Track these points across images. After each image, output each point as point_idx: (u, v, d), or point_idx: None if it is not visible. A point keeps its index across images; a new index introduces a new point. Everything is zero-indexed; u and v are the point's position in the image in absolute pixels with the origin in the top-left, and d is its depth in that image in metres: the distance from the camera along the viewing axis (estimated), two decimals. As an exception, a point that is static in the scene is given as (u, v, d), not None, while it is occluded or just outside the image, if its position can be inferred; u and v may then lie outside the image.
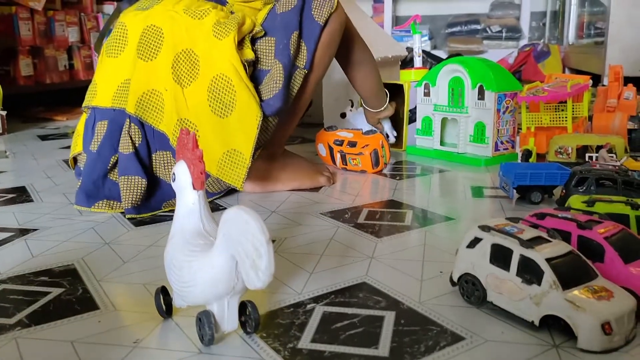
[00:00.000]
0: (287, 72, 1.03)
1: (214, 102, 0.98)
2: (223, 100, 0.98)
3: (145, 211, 1.00)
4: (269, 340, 0.56)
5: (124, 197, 0.97)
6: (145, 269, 0.76)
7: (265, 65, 1.05)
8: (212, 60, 0.99)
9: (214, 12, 1.02)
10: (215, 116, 0.98)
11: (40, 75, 2.42)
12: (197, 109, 0.98)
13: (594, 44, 3.25)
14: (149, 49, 1.00)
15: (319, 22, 1.08)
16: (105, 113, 1.01)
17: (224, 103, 0.98)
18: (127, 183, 0.97)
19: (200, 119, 0.99)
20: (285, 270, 0.74)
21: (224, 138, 0.99)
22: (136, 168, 0.98)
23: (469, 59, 1.39)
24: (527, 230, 0.60)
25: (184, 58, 0.99)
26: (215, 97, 0.98)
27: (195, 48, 0.99)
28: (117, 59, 1.03)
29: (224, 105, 0.98)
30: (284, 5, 1.08)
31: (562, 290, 0.54)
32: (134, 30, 1.02)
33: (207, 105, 0.98)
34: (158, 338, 0.58)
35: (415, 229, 0.89)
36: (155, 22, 1.01)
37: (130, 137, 0.99)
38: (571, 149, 1.16)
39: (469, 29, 3.88)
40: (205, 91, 0.98)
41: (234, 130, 0.99)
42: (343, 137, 1.30)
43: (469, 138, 1.35)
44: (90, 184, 1.01)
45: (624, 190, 0.84)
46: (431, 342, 0.55)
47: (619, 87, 1.54)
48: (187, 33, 1.00)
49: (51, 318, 0.62)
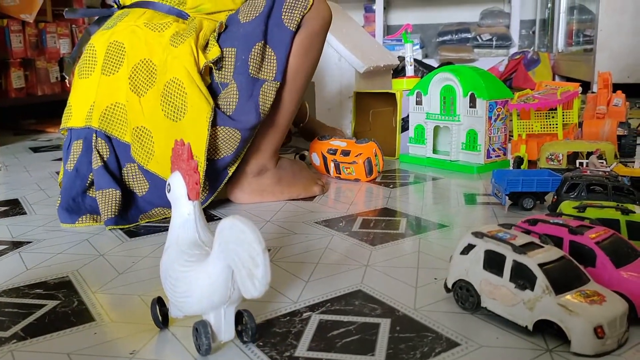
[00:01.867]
0: (247, 90, 1.01)
1: (167, 106, 0.98)
2: (175, 104, 0.98)
3: (123, 222, 1.00)
4: (266, 349, 0.56)
5: (101, 211, 0.98)
6: (141, 280, 0.76)
7: (223, 78, 1.03)
8: (168, 67, 0.98)
9: (174, 25, 1.02)
10: (168, 120, 0.98)
11: (32, 87, 2.41)
12: (152, 115, 0.99)
13: (583, 52, 3.28)
14: (112, 64, 1.02)
15: (289, 27, 1.02)
16: (80, 133, 1.03)
17: (175, 106, 0.98)
18: (102, 197, 0.98)
19: (155, 125, 0.99)
20: (281, 279, 0.74)
21: None
22: (108, 181, 0.99)
23: (460, 67, 1.40)
24: (519, 236, 0.61)
25: (142, 68, 1.00)
26: (167, 102, 0.98)
27: (153, 58, 1.00)
28: (88, 79, 1.04)
29: (176, 109, 0.98)
30: (248, 13, 1.02)
31: (555, 295, 0.54)
32: (100, 49, 1.04)
33: (161, 110, 0.98)
34: (155, 349, 0.58)
35: (409, 237, 0.89)
36: (117, 37, 1.03)
37: (98, 152, 1.01)
38: (562, 156, 1.17)
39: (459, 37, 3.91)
40: (159, 97, 0.98)
41: (188, 133, 0.98)
42: (336, 146, 1.31)
43: (461, 146, 1.36)
44: (70, 201, 1.02)
45: (614, 195, 0.85)
46: (427, 349, 0.55)
47: (608, 94, 1.56)
48: (146, 45, 1.00)
49: (47, 330, 0.62)
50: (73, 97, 1.06)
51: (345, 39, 1.72)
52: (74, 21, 2.66)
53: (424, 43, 4.04)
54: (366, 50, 1.78)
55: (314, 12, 1.03)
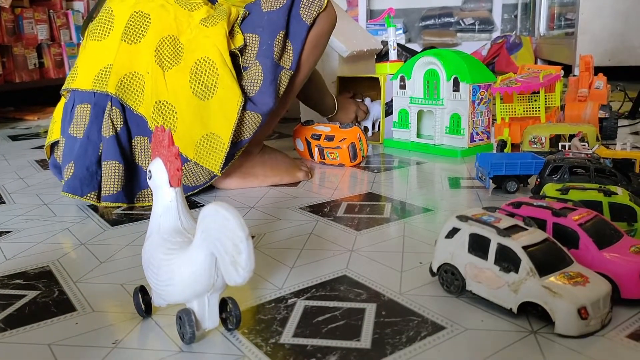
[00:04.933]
0: (271, 73, 1.03)
1: (196, 83, 0.98)
2: (205, 83, 0.98)
3: (122, 200, 0.99)
4: (251, 336, 0.56)
5: (103, 185, 0.97)
6: (123, 268, 0.75)
7: (245, 62, 1.05)
8: (198, 46, 0.99)
9: (204, 8, 1.04)
10: (196, 98, 0.98)
11: (9, 74, 2.36)
12: (177, 91, 0.98)
13: (564, 35, 3.30)
14: (134, 33, 1.01)
15: (307, 22, 1.07)
16: (85, 96, 1.01)
17: (206, 85, 0.98)
18: (107, 168, 0.97)
19: (180, 101, 0.98)
20: (265, 265, 0.74)
21: (204, 121, 0.99)
22: (115, 152, 0.98)
23: (444, 51, 1.39)
24: (503, 219, 0.61)
25: (169, 43, 1.00)
26: (197, 79, 0.98)
27: (181, 36, 1.01)
28: (100, 42, 1.03)
29: (206, 88, 0.98)
30: (271, 3, 1.06)
31: (539, 277, 0.55)
32: (120, 15, 1.03)
33: (189, 87, 0.98)
34: (138, 338, 0.57)
35: (394, 221, 0.89)
36: (143, 8, 1.02)
37: (111, 120, 0.99)
38: (545, 139, 1.17)
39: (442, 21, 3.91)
40: (187, 73, 0.99)
41: (214, 113, 0.99)
42: (320, 131, 1.30)
43: (445, 130, 1.36)
44: (84, 170, 0.98)
45: (596, 177, 0.85)
46: (412, 333, 0.55)
47: (589, 77, 1.57)
48: (175, 21, 1.01)
49: (27, 321, 0.61)
50: (81, 59, 1.05)
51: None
52: (51, 6, 2.60)
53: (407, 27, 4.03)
54: (349, 35, 1.76)
55: (326, 12, 1.09)
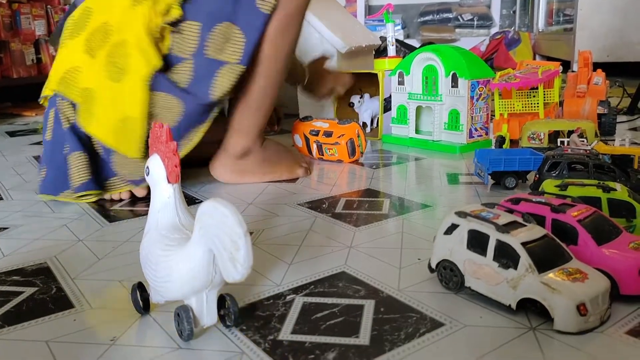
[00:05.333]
0: (201, 70, 0.98)
1: (111, 66, 0.97)
2: (117, 64, 0.96)
3: (94, 187, 1.00)
4: (249, 332, 0.56)
5: (73, 177, 0.98)
6: (121, 265, 0.75)
7: (181, 52, 0.99)
8: (120, 28, 0.98)
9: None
10: (110, 81, 0.97)
11: (7, 70, 2.35)
12: (99, 75, 0.98)
13: (563, 31, 3.29)
14: (78, 28, 1.01)
15: (263, 11, 0.96)
16: (52, 101, 1.02)
17: (118, 67, 0.96)
18: (73, 161, 0.98)
19: (100, 85, 0.98)
20: (263, 261, 0.74)
21: (118, 105, 0.97)
22: (76, 143, 0.99)
23: (442, 47, 1.39)
24: (502, 216, 0.61)
25: (100, 30, 0.99)
26: (111, 62, 0.97)
27: (110, 20, 0.99)
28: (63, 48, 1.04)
29: (119, 70, 0.96)
30: None
31: (538, 273, 0.55)
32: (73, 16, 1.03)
33: (105, 71, 0.97)
34: (136, 335, 0.57)
35: (393, 217, 0.89)
36: (89, 3, 1.02)
37: (63, 113, 1.00)
38: (543, 135, 1.17)
39: (441, 17, 3.90)
40: (105, 57, 0.97)
41: (128, 95, 0.96)
42: (319, 127, 1.30)
43: (443, 125, 1.36)
44: (55, 170, 1.00)
45: (595, 173, 0.85)
46: (411, 329, 0.55)
47: (588, 73, 1.57)
48: (109, 7, 1.00)
49: (25, 318, 0.61)
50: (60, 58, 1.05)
51: (326, 19, 1.69)
52: (49, 2, 2.58)
53: (406, 23, 4.02)
54: (348, 31, 1.76)
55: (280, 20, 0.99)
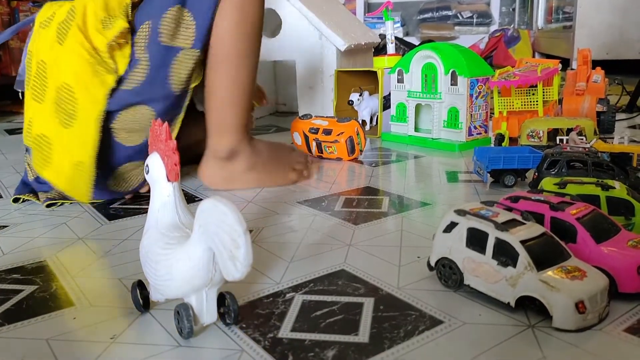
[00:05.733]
0: (157, 59, 0.92)
1: (60, 113, 0.93)
2: (66, 110, 0.93)
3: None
4: (249, 330, 0.56)
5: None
6: (120, 263, 0.75)
7: (137, 53, 0.93)
8: (57, 69, 0.93)
9: (58, 13, 0.94)
10: (61, 127, 0.94)
11: (6, 67, 2.35)
12: (50, 123, 0.94)
13: (562, 29, 3.29)
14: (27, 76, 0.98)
15: None
16: None
17: (67, 113, 0.93)
18: None
19: (52, 132, 0.95)
20: (263, 260, 0.74)
21: (70, 150, 0.94)
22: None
23: (441, 45, 1.39)
24: (501, 214, 0.61)
25: (37, 72, 0.94)
26: (60, 108, 0.93)
27: (44, 57, 0.94)
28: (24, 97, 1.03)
29: (68, 115, 0.93)
30: None
31: (537, 271, 0.55)
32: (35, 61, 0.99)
33: (56, 117, 0.93)
34: (135, 333, 0.57)
35: (392, 215, 0.89)
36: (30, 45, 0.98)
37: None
38: (542, 132, 1.17)
39: (440, 15, 3.89)
40: (53, 104, 0.93)
41: (77, 139, 0.94)
42: (318, 125, 1.30)
43: (442, 123, 1.36)
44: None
45: (594, 171, 0.85)
46: (410, 327, 0.55)
47: (587, 71, 1.57)
48: (40, 46, 0.94)
49: (25, 316, 0.61)
50: None
51: (325, 16, 1.69)
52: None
53: (405, 21, 4.01)
54: (347, 28, 1.75)
55: None
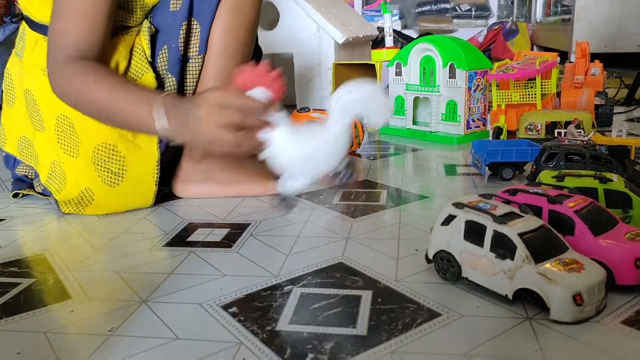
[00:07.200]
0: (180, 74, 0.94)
1: (103, 172, 0.90)
2: (111, 169, 0.90)
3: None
4: (247, 323, 0.56)
5: None
6: (117, 256, 0.75)
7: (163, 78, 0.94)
8: (91, 126, 0.88)
9: None
10: (106, 186, 0.91)
11: (2, 61, 2.34)
12: (90, 179, 0.91)
13: (560, 22, 3.29)
14: (36, 119, 0.94)
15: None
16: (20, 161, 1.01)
17: (112, 172, 0.90)
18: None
19: (93, 189, 0.91)
20: (261, 253, 0.74)
21: (121, 202, 0.93)
22: None
23: (440, 37, 1.39)
24: (499, 206, 0.61)
25: (63, 126, 0.91)
26: (102, 167, 0.90)
27: (66, 112, 0.89)
28: (11, 109, 1.00)
29: (113, 174, 0.90)
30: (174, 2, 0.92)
31: (535, 264, 0.55)
32: (17, 84, 0.97)
33: (97, 176, 0.90)
34: (133, 326, 0.57)
35: (390, 208, 0.89)
36: (27, 85, 0.94)
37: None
38: (540, 126, 1.17)
39: (438, 8, 3.88)
40: (91, 164, 0.90)
41: (131, 192, 0.92)
42: (316, 118, 1.30)
43: (441, 117, 1.36)
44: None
45: (592, 164, 0.85)
46: (408, 319, 0.55)
47: (585, 64, 1.57)
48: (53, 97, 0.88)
49: (22, 309, 0.61)
50: (4, 119, 1.02)
51: (323, 9, 1.69)
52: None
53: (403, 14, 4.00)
54: (345, 21, 1.75)
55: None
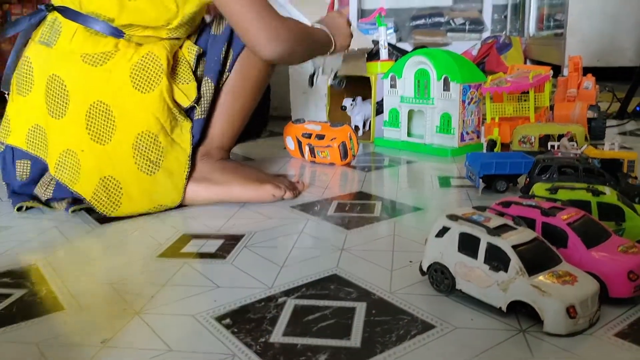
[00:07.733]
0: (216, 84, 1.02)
1: (140, 159, 0.93)
2: (149, 157, 0.94)
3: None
4: (241, 335, 0.56)
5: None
6: (111, 267, 0.74)
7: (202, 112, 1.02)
8: (134, 114, 0.93)
9: (118, 56, 0.93)
10: (142, 174, 0.94)
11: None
12: (122, 166, 0.93)
13: (553, 36, 3.32)
14: (57, 105, 0.93)
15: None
16: (24, 154, 0.98)
17: (150, 160, 0.94)
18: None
19: (125, 176, 0.93)
20: (255, 264, 0.73)
21: (152, 196, 0.95)
22: None
23: (434, 51, 1.40)
24: (493, 219, 0.61)
25: (98, 113, 0.92)
26: (141, 154, 0.93)
27: (104, 99, 0.92)
28: (25, 98, 0.97)
29: (151, 162, 0.94)
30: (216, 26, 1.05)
31: (528, 276, 0.55)
32: (39, 71, 0.95)
33: (133, 163, 0.93)
34: (126, 337, 0.56)
35: (385, 220, 0.89)
36: (56, 70, 0.93)
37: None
38: (534, 138, 1.18)
39: (433, 21, 3.91)
40: (130, 148, 0.93)
41: (162, 185, 0.95)
42: (311, 129, 1.30)
43: (435, 129, 1.37)
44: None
45: (585, 177, 0.86)
46: (402, 331, 0.55)
47: (578, 77, 1.59)
48: (91, 84, 0.92)
49: (15, 320, 0.60)
50: (11, 111, 0.99)
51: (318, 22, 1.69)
52: (40, 2, 2.57)
53: (398, 27, 4.02)
54: (340, 33, 1.75)
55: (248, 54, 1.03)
